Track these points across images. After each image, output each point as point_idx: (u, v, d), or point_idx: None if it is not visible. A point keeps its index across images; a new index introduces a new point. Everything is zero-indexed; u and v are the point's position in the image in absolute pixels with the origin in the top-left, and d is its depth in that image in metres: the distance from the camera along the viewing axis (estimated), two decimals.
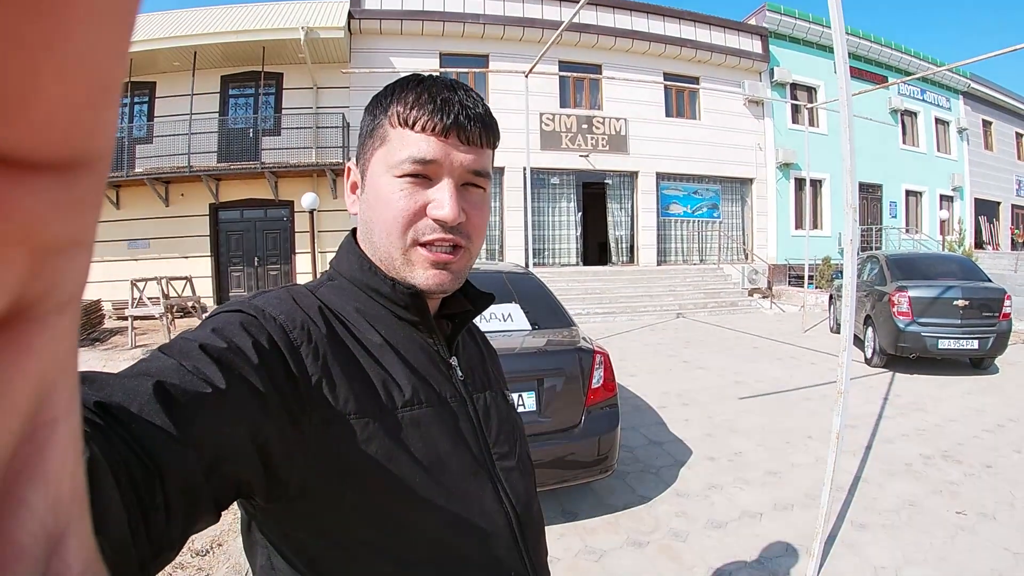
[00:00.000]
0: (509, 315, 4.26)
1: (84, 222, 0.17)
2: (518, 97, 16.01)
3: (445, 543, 0.83)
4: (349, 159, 1.04)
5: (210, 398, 0.61)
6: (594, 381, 3.95)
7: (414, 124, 0.85)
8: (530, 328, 4.30)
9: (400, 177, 0.85)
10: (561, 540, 3.89)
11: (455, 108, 0.85)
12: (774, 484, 4.81)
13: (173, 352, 0.65)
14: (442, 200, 0.85)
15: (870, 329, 9.75)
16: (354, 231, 0.97)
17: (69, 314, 0.18)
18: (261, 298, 0.82)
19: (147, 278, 13.13)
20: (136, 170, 16.72)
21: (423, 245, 0.86)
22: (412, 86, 0.88)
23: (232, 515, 3.85)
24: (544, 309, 4.56)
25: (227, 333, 0.71)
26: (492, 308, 4.20)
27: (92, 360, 10.27)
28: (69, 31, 0.14)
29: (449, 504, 0.84)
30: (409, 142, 0.85)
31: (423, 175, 0.85)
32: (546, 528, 1.04)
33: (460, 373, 0.97)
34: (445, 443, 0.86)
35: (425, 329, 0.93)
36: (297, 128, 17.12)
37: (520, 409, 3.73)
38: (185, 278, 14.80)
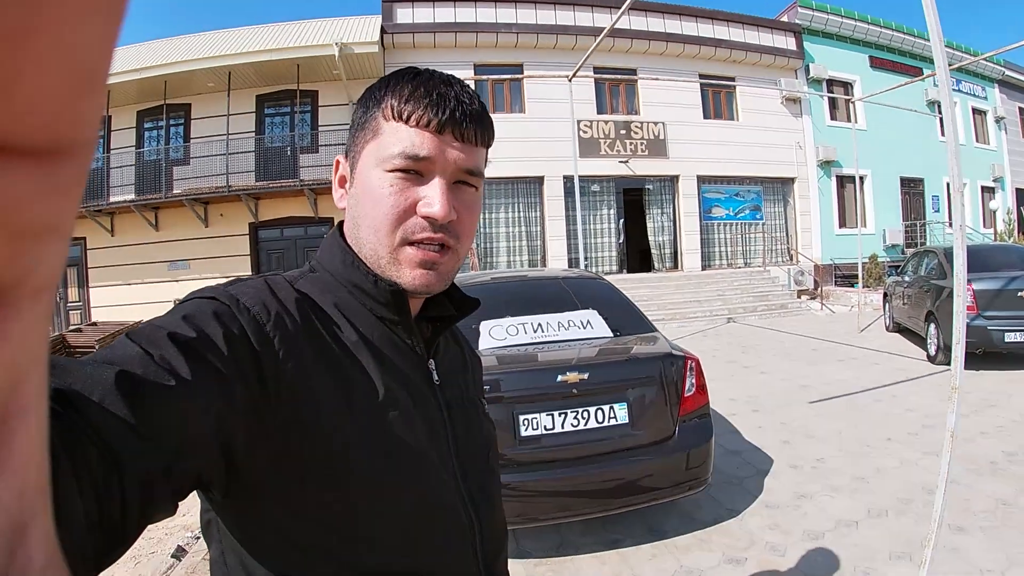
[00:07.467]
0: (588, 322, 4.04)
1: (62, 209, 0.17)
2: (554, 105, 15.93)
3: (403, 548, 0.82)
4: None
5: (174, 390, 0.60)
6: (686, 389, 3.73)
7: (408, 118, 0.83)
8: (612, 335, 4.08)
9: (391, 172, 0.83)
10: (653, 560, 3.67)
11: (451, 104, 0.83)
12: (864, 490, 4.57)
13: (140, 339, 0.63)
14: (433, 198, 0.83)
15: (932, 325, 9.40)
16: (341, 224, 0.96)
17: (43, 302, 0.18)
18: (237, 286, 0.80)
19: None
20: (174, 191, 16.95)
21: (411, 244, 0.84)
22: (408, 79, 0.86)
23: None
24: (623, 314, 4.35)
25: (198, 321, 0.69)
26: (569, 315, 4.04)
27: None
28: (54, 21, 0.14)
29: (411, 509, 0.83)
30: (402, 136, 0.83)
31: (415, 171, 0.84)
32: (635, 547, 0.90)
33: (437, 377, 0.95)
34: (413, 447, 0.84)
35: (404, 329, 0.91)
36: (335, 144, 17.09)
37: (612, 422, 3.55)
38: None
